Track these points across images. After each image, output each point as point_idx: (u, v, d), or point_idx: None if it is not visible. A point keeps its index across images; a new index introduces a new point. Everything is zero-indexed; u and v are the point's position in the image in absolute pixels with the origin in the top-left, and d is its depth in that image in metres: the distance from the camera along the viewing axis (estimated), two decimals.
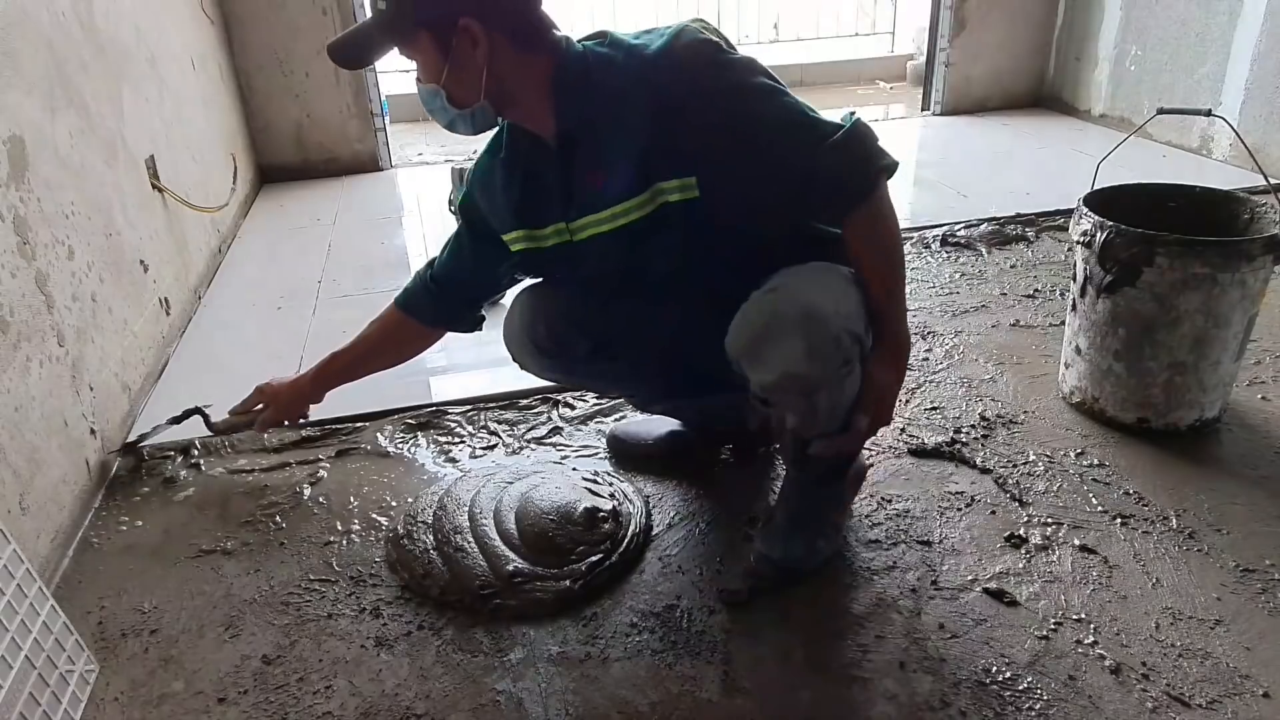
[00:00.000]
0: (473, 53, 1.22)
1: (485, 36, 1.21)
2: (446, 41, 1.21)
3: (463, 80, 1.24)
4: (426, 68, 1.26)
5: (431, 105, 1.29)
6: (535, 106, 1.29)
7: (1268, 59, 3.27)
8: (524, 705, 1.23)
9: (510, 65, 1.24)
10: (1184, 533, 1.50)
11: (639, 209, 1.29)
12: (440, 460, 1.83)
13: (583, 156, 1.30)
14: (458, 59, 1.22)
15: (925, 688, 1.23)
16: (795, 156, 1.21)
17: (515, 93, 1.27)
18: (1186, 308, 1.63)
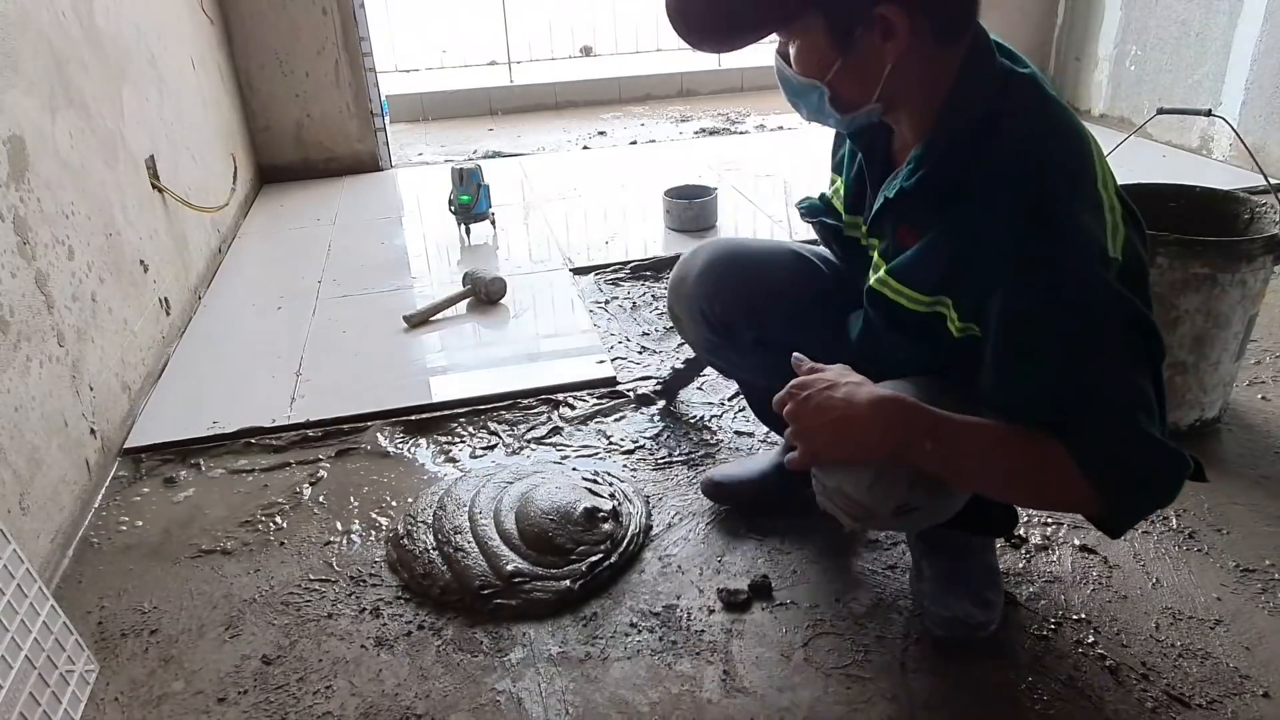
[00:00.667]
0: (882, 47, 0.96)
1: (909, 26, 0.94)
2: (847, 29, 0.96)
3: (858, 80, 0.99)
4: (809, 57, 1.00)
5: (800, 98, 1.05)
6: (918, 113, 1.04)
7: (1268, 59, 3.27)
8: (524, 705, 1.23)
9: (921, 62, 0.98)
10: (1184, 533, 1.50)
11: (914, 302, 1.06)
12: (440, 460, 1.83)
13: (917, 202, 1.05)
14: (859, 54, 0.97)
15: (925, 688, 1.23)
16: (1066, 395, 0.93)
17: (909, 95, 1.02)
18: (1186, 308, 1.63)
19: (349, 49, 3.84)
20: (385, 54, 5.19)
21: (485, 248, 3.09)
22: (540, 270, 2.85)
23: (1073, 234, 0.93)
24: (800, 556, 1.49)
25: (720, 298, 1.33)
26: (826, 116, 1.06)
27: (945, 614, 1.27)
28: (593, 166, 4.07)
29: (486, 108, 5.49)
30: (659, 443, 1.84)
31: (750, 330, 1.34)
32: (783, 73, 1.05)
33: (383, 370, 2.22)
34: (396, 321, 2.47)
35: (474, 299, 2.59)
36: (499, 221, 3.22)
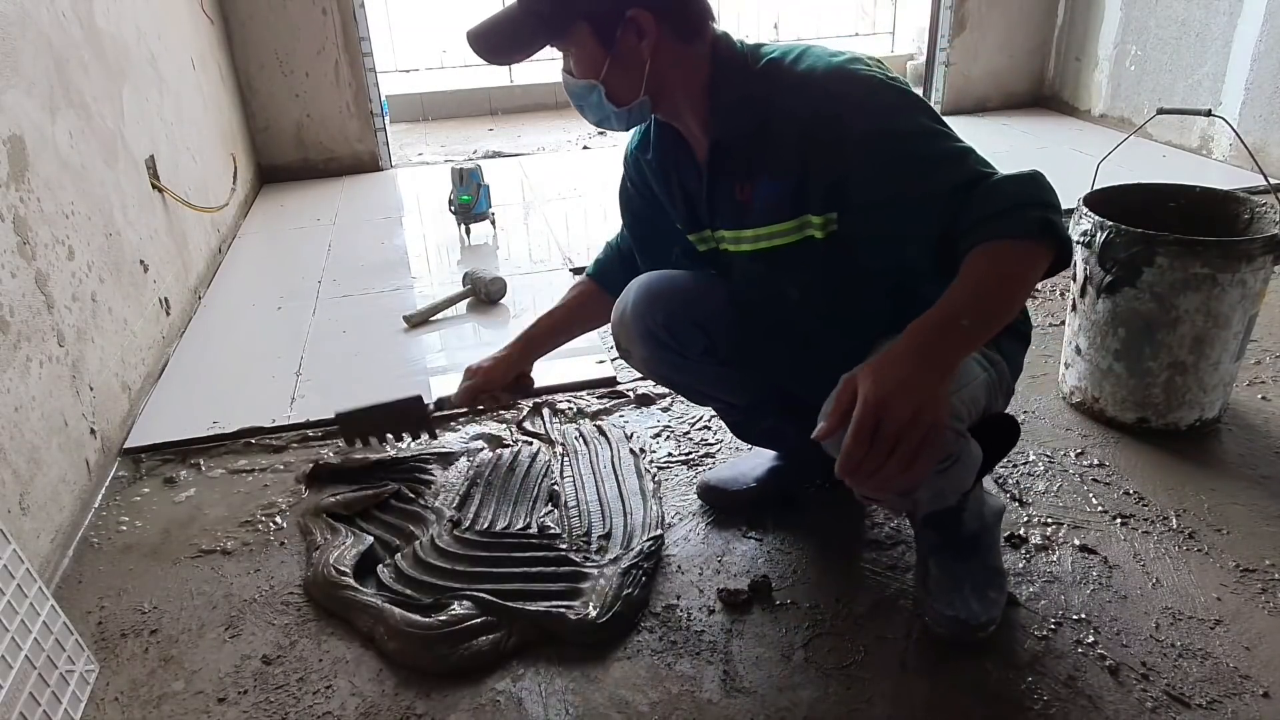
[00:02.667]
0: (638, 45, 1.14)
1: (654, 27, 1.13)
2: (609, 33, 1.14)
3: (625, 75, 1.16)
4: (583, 62, 1.17)
5: (584, 101, 1.21)
6: (688, 105, 1.22)
7: (1268, 59, 3.27)
8: (524, 705, 1.23)
9: (671, 59, 1.17)
10: (1184, 533, 1.50)
11: (783, 236, 1.22)
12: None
13: (731, 166, 1.22)
14: (621, 53, 1.14)
15: (925, 688, 1.23)
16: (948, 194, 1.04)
17: (672, 89, 1.20)
18: (1186, 308, 1.63)
19: (349, 49, 3.84)
20: (385, 54, 5.18)
21: (485, 248, 3.09)
22: (540, 270, 2.86)
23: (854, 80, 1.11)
24: (800, 556, 1.49)
25: (662, 309, 1.35)
26: (607, 114, 1.21)
27: (948, 613, 1.28)
28: (593, 166, 4.07)
29: (486, 108, 5.49)
30: (659, 443, 1.84)
31: (699, 338, 1.36)
32: (567, 84, 1.23)
33: (383, 370, 2.22)
34: (396, 321, 2.47)
35: (474, 299, 2.59)
36: (499, 221, 3.22)
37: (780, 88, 1.15)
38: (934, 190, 1.06)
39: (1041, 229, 0.99)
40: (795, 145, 1.14)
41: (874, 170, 1.09)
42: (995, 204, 1.01)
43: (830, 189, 1.14)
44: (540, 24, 1.16)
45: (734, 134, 1.20)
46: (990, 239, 1.00)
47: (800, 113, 1.13)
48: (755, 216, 1.23)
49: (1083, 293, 1.78)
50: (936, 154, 1.08)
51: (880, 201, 1.10)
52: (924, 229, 1.08)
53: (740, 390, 1.48)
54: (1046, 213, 1.01)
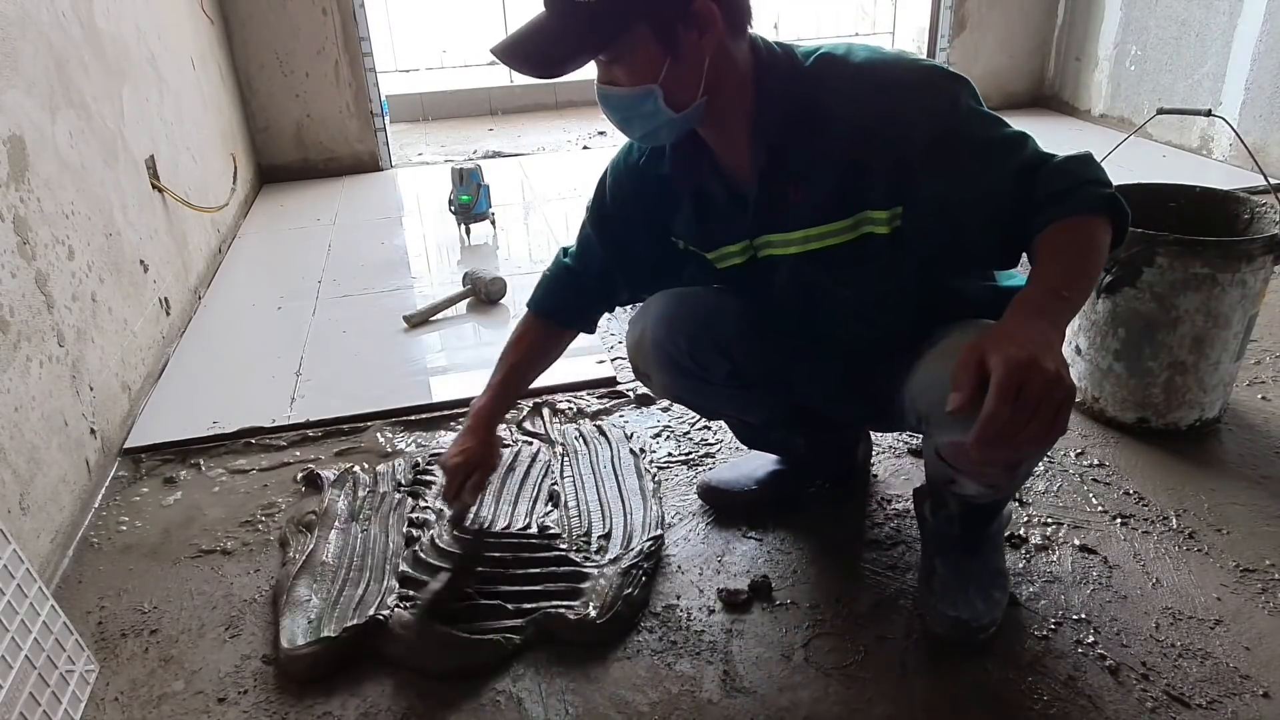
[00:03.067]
0: (699, 41, 1.05)
1: (719, 18, 1.05)
2: (670, 32, 1.04)
3: (685, 76, 1.07)
4: (639, 68, 1.06)
5: (633, 112, 1.10)
6: (735, 104, 1.13)
7: (1268, 59, 3.27)
8: (524, 705, 1.23)
9: (726, 53, 1.09)
10: (1184, 533, 1.50)
11: (837, 235, 1.16)
12: None
13: (786, 166, 1.15)
14: (683, 51, 1.05)
15: (925, 688, 1.22)
16: (1014, 178, 1.05)
17: (724, 88, 1.11)
18: (1186, 308, 1.63)
19: (349, 49, 3.84)
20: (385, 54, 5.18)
21: (485, 248, 3.09)
22: (540, 270, 2.85)
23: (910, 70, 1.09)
24: (800, 556, 1.49)
25: (684, 334, 1.31)
26: (661, 123, 1.11)
27: (951, 614, 1.27)
28: (593, 166, 4.07)
29: (486, 108, 5.49)
30: (659, 442, 1.84)
31: (723, 362, 1.32)
32: (609, 96, 1.10)
33: (383, 370, 2.22)
34: (396, 321, 2.47)
35: (474, 299, 2.59)
36: (499, 221, 3.22)
37: (834, 82, 1.10)
38: (1003, 174, 1.06)
39: (1106, 204, 1.03)
40: (855, 141, 1.10)
41: (942, 159, 1.07)
42: (1061, 183, 1.03)
43: (895, 182, 1.11)
44: (592, 31, 1.03)
45: (789, 133, 1.13)
46: (1063, 216, 1.02)
47: (860, 108, 1.09)
48: (809, 216, 1.17)
49: None
50: (1000, 140, 1.08)
51: (951, 189, 1.08)
52: (993, 212, 1.07)
53: (757, 409, 1.47)
54: (1106, 188, 1.04)
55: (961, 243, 1.14)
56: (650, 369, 1.37)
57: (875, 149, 1.09)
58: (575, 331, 1.50)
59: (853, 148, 1.10)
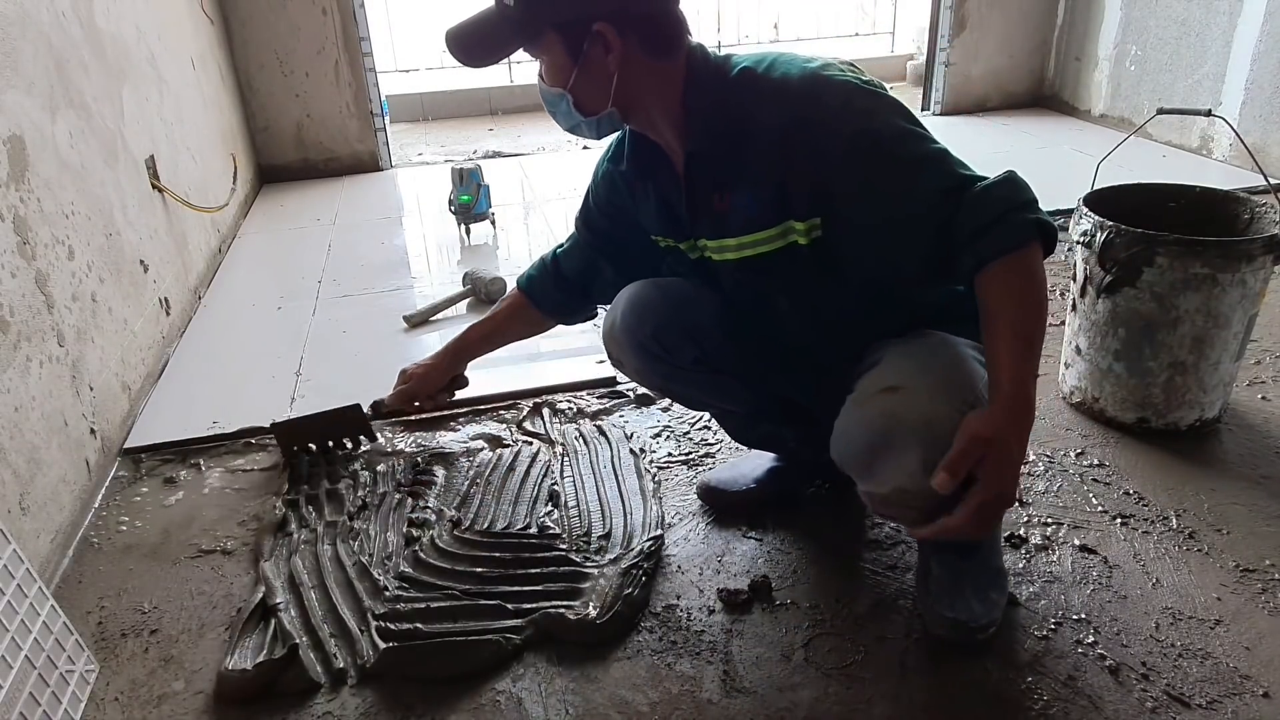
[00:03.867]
0: (604, 59, 1.15)
1: (619, 42, 1.14)
2: (577, 44, 1.14)
3: (592, 86, 1.17)
4: (553, 70, 1.19)
5: (555, 108, 1.23)
6: (663, 118, 1.22)
7: (1268, 59, 3.27)
8: (524, 705, 1.23)
9: (642, 73, 1.17)
10: (1184, 533, 1.50)
11: (768, 242, 1.22)
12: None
13: (709, 176, 1.23)
14: (588, 64, 1.15)
15: (925, 688, 1.22)
16: (936, 203, 1.07)
17: (644, 101, 1.20)
18: (1186, 308, 1.63)
19: (349, 49, 3.84)
20: (385, 54, 5.19)
21: (485, 248, 3.09)
22: None
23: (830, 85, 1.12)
24: (800, 556, 1.49)
25: (651, 321, 1.36)
26: (577, 122, 1.23)
27: (949, 615, 1.27)
28: (592, 166, 4.06)
29: (486, 108, 5.50)
30: (659, 442, 1.84)
31: (690, 347, 1.36)
32: (540, 89, 1.24)
33: (383, 370, 2.21)
34: (396, 321, 2.47)
35: (474, 299, 2.59)
36: (499, 221, 3.22)
37: (756, 95, 1.15)
38: (925, 196, 1.08)
39: (1034, 230, 1.05)
40: (774, 152, 1.14)
41: (857, 178, 1.10)
42: (987, 213, 1.05)
43: (813, 194, 1.14)
44: (512, 29, 1.17)
45: (710, 144, 1.20)
46: (996, 255, 1.05)
47: (778, 119, 1.13)
48: (736, 225, 1.23)
49: (1083, 293, 1.78)
50: (918, 156, 1.09)
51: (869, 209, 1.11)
52: (916, 236, 1.10)
53: (736, 398, 1.49)
54: (1031, 211, 1.06)
55: (889, 261, 1.16)
56: (620, 353, 1.43)
57: (794, 160, 1.13)
58: (551, 319, 1.66)
59: (773, 159, 1.15)
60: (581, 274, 1.56)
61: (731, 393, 1.47)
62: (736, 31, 5.95)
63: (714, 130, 1.19)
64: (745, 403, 1.50)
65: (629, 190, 1.39)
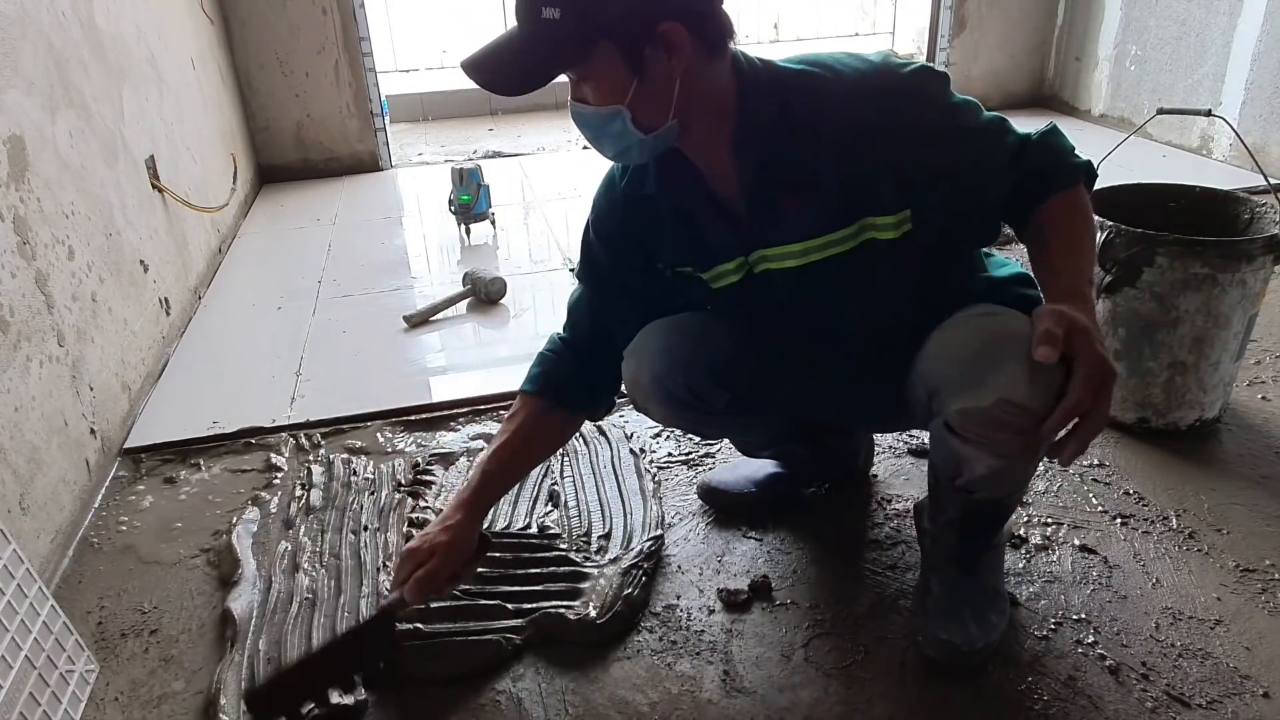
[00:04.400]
0: (668, 64, 1.02)
1: (690, 43, 1.02)
2: (638, 52, 1.02)
3: (654, 98, 1.04)
4: (606, 86, 1.04)
5: (603, 132, 1.08)
6: (715, 125, 1.11)
7: (1268, 59, 3.27)
8: (524, 705, 1.23)
9: (701, 75, 1.06)
10: (1184, 533, 1.50)
11: (839, 244, 1.15)
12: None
13: (774, 180, 1.13)
14: (651, 73, 1.02)
15: (925, 688, 1.22)
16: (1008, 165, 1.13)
17: (702, 108, 1.08)
18: (1186, 308, 1.63)
19: (349, 49, 3.84)
20: (385, 54, 5.18)
21: (485, 248, 3.09)
22: (540, 270, 2.86)
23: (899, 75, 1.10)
24: (800, 556, 1.49)
25: (682, 371, 1.28)
26: (631, 144, 1.08)
27: (942, 637, 1.24)
28: (593, 166, 4.06)
29: (486, 108, 5.49)
30: (659, 442, 1.84)
31: (721, 392, 1.31)
32: (581, 114, 1.08)
33: (383, 370, 2.22)
34: (396, 321, 2.47)
35: (474, 299, 2.59)
36: (499, 221, 3.22)
37: (822, 92, 1.09)
38: (999, 160, 1.13)
39: (1084, 172, 1.16)
40: (850, 148, 1.08)
41: (942, 156, 1.11)
42: (1044, 159, 1.14)
43: (898, 186, 1.11)
44: (557, 47, 1.02)
45: (774, 146, 1.11)
46: (1053, 193, 1.13)
47: (851, 115, 1.08)
48: (809, 227, 1.15)
49: None
50: (987, 127, 1.14)
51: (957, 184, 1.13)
52: (997, 197, 1.15)
53: (760, 430, 1.48)
54: (1080, 158, 1.17)
55: (965, 230, 1.20)
56: (649, 404, 1.34)
57: (872, 155, 1.09)
58: (580, 415, 1.39)
59: (849, 155, 1.09)
60: (602, 338, 1.33)
61: (757, 426, 1.46)
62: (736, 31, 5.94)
63: (778, 132, 1.10)
64: (769, 433, 1.49)
65: (653, 216, 1.24)
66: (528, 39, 1.03)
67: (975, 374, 1.03)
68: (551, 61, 1.03)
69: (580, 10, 0.99)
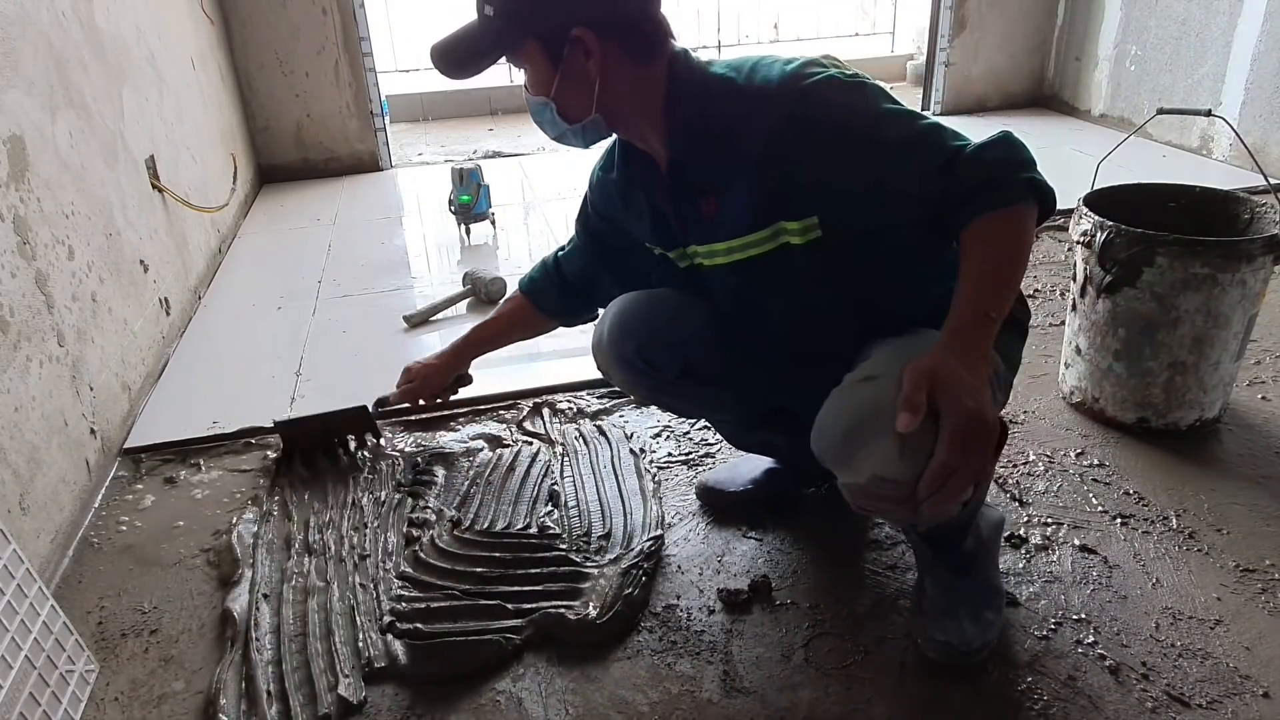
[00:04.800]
0: (585, 64, 1.14)
1: (599, 48, 1.13)
2: (558, 52, 1.14)
3: (574, 93, 1.17)
4: (535, 79, 1.19)
5: (540, 117, 1.24)
6: (647, 124, 1.21)
7: (1268, 59, 3.27)
8: (524, 705, 1.23)
9: (624, 78, 1.17)
10: (1184, 533, 1.50)
11: (757, 245, 1.20)
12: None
13: (694, 182, 1.22)
14: (569, 71, 1.15)
15: (925, 688, 1.23)
16: (933, 180, 1.06)
17: (628, 108, 1.19)
18: (1186, 308, 1.63)
19: (349, 49, 3.84)
20: (385, 54, 5.18)
21: (485, 248, 3.09)
22: None
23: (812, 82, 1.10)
24: (800, 556, 1.49)
25: (635, 337, 1.36)
26: (563, 130, 1.23)
27: (939, 638, 1.24)
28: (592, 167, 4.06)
29: (486, 108, 5.49)
30: (659, 442, 1.84)
31: (675, 362, 1.36)
32: (526, 98, 1.24)
33: (383, 370, 2.21)
34: (396, 321, 2.47)
35: (474, 299, 2.59)
36: (499, 221, 3.22)
37: (739, 99, 1.14)
38: (926, 174, 1.07)
39: (1027, 189, 1.05)
40: (761, 154, 1.13)
41: (851, 165, 1.09)
42: (978, 174, 1.05)
43: (806, 192, 1.13)
44: (493, 38, 1.18)
45: (694, 149, 1.19)
46: (983, 211, 1.04)
47: (763, 121, 1.11)
48: (725, 229, 1.22)
49: (1083, 293, 1.78)
50: (909, 137, 1.08)
51: (868, 195, 1.09)
52: (916, 212, 1.10)
53: (726, 407, 1.49)
54: (1026, 171, 1.05)
55: (895, 241, 1.17)
56: (607, 367, 1.43)
57: (784, 160, 1.11)
58: (553, 321, 1.67)
59: (761, 161, 1.13)
60: (584, 278, 1.56)
61: (721, 403, 1.47)
62: (736, 31, 5.95)
63: (697, 136, 1.18)
64: (734, 412, 1.50)
65: (620, 198, 1.38)
66: (475, 30, 1.20)
67: (847, 452, 1.04)
68: (488, 52, 1.20)
69: (509, 10, 1.15)
